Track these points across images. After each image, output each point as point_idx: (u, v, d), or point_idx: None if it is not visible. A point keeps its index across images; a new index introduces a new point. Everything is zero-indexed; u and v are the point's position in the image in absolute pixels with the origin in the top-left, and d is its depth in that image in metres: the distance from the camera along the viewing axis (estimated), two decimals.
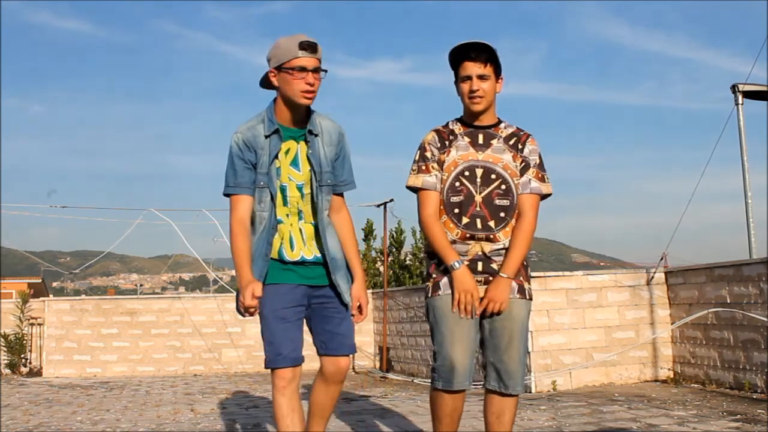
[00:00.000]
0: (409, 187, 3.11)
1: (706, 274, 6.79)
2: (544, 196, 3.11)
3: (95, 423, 5.62)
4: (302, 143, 2.94)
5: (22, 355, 11.33)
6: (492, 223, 3.01)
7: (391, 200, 11.30)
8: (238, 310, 2.86)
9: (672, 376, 7.11)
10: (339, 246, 3.01)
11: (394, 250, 15.79)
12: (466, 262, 3.00)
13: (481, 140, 3.07)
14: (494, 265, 3.02)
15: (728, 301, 6.44)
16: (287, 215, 2.95)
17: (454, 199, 3.03)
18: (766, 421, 4.71)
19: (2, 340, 11.09)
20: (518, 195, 3.06)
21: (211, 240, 12.50)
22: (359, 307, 3.02)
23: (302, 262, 2.94)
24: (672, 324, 7.20)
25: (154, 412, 6.20)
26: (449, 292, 2.99)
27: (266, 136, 2.88)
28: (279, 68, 2.83)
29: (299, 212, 2.96)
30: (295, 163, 2.93)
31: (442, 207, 3.06)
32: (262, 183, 2.88)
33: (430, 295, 3.06)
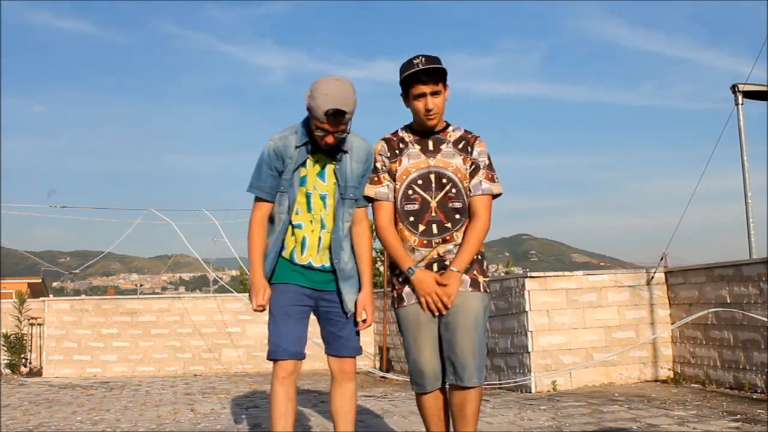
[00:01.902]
0: (364, 197, 3.21)
1: (706, 274, 6.79)
2: (495, 196, 3.19)
3: (95, 423, 5.62)
4: (332, 157, 3.15)
5: (22, 355, 11.32)
6: (449, 225, 3.12)
7: None
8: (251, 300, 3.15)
9: (672, 376, 7.11)
10: (351, 258, 3.20)
11: None
12: (422, 266, 3.10)
13: (431, 146, 3.17)
14: (447, 263, 3.11)
15: (728, 301, 6.44)
16: (311, 221, 3.16)
17: (409, 207, 3.13)
18: (766, 421, 4.71)
19: (2, 339, 11.08)
20: (470, 196, 3.14)
21: (211, 240, 12.47)
22: (364, 316, 3.23)
23: (309, 267, 3.16)
24: (672, 324, 7.20)
25: (154, 412, 6.20)
26: (413, 301, 3.11)
27: (296, 147, 3.10)
28: (310, 114, 3.02)
29: (322, 221, 3.16)
30: (321, 174, 3.16)
31: (396, 215, 3.15)
32: (282, 188, 3.12)
33: (396, 306, 3.18)
